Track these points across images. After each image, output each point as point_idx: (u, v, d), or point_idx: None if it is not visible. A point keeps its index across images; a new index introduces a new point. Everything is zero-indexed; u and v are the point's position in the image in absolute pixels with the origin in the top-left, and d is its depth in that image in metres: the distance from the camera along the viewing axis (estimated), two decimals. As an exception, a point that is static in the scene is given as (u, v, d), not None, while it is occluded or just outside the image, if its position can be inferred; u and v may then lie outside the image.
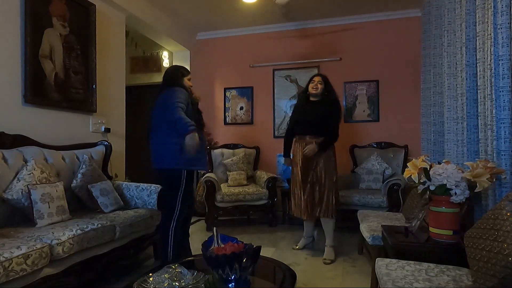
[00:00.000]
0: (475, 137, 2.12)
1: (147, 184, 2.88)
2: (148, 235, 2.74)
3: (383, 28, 4.49)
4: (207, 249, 1.54)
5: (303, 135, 2.99)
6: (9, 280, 1.60)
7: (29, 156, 2.40)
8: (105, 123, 3.43)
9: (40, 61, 2.72)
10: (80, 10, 3.10)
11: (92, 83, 3.21)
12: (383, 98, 4.49)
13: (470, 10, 2.15)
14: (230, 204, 3.88)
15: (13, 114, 2.55)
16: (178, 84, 2.41)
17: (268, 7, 4.13)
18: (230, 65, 5.09)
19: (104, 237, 2.23)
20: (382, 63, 4.48)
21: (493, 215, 1.34)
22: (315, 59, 4.70)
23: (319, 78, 3.02)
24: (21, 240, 1.84)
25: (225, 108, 5.14)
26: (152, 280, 1.49)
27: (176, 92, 2.31)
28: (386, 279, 1.48)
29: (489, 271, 1.23)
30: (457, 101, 2.39)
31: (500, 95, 1.70)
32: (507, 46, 1.68)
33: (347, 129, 4.59)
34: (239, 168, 4.33)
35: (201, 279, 1.52)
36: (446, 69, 2.62)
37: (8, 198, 2.17)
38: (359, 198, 3.61)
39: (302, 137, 2.99)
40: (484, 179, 1.67)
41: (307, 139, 2.94)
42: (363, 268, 2.71)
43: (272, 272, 1.85)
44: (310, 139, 2.92)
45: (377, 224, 2.51)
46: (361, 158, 4.27)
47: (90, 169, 2.76)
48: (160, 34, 4.40)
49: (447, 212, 1.80)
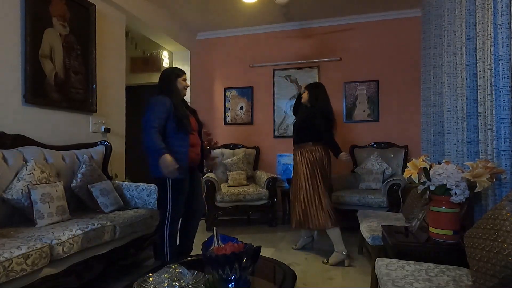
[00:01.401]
0: (475, 137, 2.12)
1: (147, 184, 2.88)
2: (148, 235, 2.73)
3: (383, 28, 4.49)
4: (207, 249, 1.54)
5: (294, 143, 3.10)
6: (9, 280, 1.60)
7: (29, 156, 2.40)
8: (105, 123, 3.43)
9: (40, 61, 2.72)
10: (80, 10, 3.10)
11: (92, 83, 3.21)
12: (383, 98, 4.49)
13: (470, 10, 2.15)
14: (230, 204, 3.88)
15: (13, 114, 2.55)
16: (168, 89, 2.41)
17: (268, 7, 4.13)
18: (230, 65, 5.09)
19: (104, 237, 2.23)
20: (382, 63, 4.48)
21: (493, 215, 1.34)
22: (315, 59, 4.70)
23: (305, 91, 3.10)
24: (21, 240, 1.84)
25: (225, 108, 5.14)
26: (152, 280, 1.49)
27: (156, 106, 2.30)
28: (386, 279, 1.48)
29: (489, 271, 1.23)
30: (457, 101, 2.38)
31: (500, 95, 1.70)
32: (507, 46, 1.68)
33: (347, 129, 4.59)
34: (239, 168, 4.34)
35: (201, 279, 1.52)
36: (446, 69, 2.62)
37: (8, 198, 2.17)
38: (359, 198, 3.61)
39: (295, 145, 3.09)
40: (484, 179, 1.67)
41: (295, 146, 3.05)
42: (363, 268, 2.71)
43: (272, 272, 1.85)
44: (296, 147, 3.03)
45: (377, 224, 2.51)
46: (361, 158, 4.27)
47: (90, 169, 2.76)
48: (160, 34, 4.40)
49: (447, 212, 1.80)
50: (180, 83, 2.46)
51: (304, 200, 2.90)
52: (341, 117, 4.62)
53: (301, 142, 3.01)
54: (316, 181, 2.89)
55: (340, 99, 4.60)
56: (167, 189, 2.33)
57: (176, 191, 2.33)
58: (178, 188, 2.33)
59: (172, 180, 2.30)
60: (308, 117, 2.99)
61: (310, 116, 2.97)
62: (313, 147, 2.93)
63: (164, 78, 2.47)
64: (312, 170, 2.90)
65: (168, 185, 2.32)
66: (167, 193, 2.34)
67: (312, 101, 3.02)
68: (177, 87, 2.44)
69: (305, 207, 2.89)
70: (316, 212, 2.85)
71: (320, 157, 2.93)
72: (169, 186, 2.32)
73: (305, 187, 2.90)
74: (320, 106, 2.97)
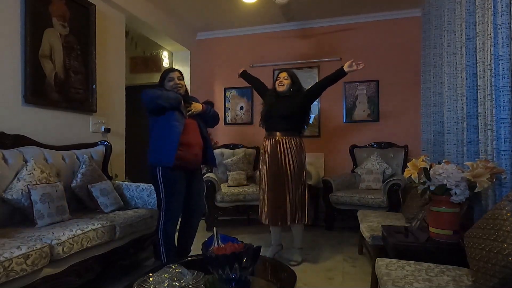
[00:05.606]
0: (475, 137, 2.12)
1: (147, 184, 2.87)
2: (148, 235, 2.73)
3: (383, 28, 4.49)
4: (207, 249, 1.54)
5: (273, 130, 2.83)
6: (9, 280, 1.59)
7: (29, 156, 2.40)
8: (105, 123, 3.43)
9: (40, 61, 2.72)
10: (80, 10, 3.10)
11: (92, 83, 3.21)
12: (383, 98, 4.49)
13: (470, 10, 2.15)
14: (230, 204, 3.88)
15: (13, 114, 2.55)
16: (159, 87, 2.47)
17: (268, 7, 4.13)
18: (230, 65, 5.08)
19: (104, 237, 2.23)
20: (382, 63, 4.48)
21: (493, 215, 1.34)
22: (315, 59, 4.70)
23: (284, 74, 2.90)
24: (21, 240, 1.84)
25: (225, 108, 5.14)
26: (152, 280, 1.49)
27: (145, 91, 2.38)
28: (386, 279, 1.48)
29: (489, 271, 1.23)
30: (457, 101, 2.39)
31: (500, 95, 1.70)
32: (507, 46, 1.68)
33: (347, 129, 4.59)
34: (239, 168, 4.33)
35: (201, 279, 1.52)
36: (446, 69, 2.62)
37: (8, 198, 2.17)
38: (359, 198, 3.61)
39: (272, 133, 2.83)
40: (484, 179, 1.67)
41: (277, 134, 2.79)
42: (363, 268, 2.71)
43: (272, 272, 1.85)
44: (280, 135, 2.78)
45: (377, 224, 2.51)
46: (361, 158, 4.27)
47: (90, 169, 2.76)
48: (160, 34, 4.40)
49: (447, 212, 1.80)
50: (166, 85, 2.44)
51: (289, 194, 2.71)
52: (341, 117, 4.62)
53: (283, 130, 2.79)
54: (303, 173, 2.79)
55: (340, 99, 4.60)
56: (160, 190, 2.33)
57: (169, 193, 2.33)
58: (170, 190, 2.33)
59: (163, 182, 2.31)
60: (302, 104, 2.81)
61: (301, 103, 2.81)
62: (299, 137, 2.84)
63: (160, 79, 2.50)
64: (300, 160, 2.76)
65: (160, 186, 2.32)
66: (160, 194, 2.34)
67: (298, 90, 2.87)
68: (166, 89, 2.43)
69: (292, 201, 2.71)
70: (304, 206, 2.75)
71: (303, 147, 2.85)
72: (161, 187, 2.32)
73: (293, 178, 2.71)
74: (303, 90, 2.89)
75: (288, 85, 2.87)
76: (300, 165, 2.77)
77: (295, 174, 2.74)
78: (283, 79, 2.88)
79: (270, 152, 2.80)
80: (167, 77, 2.45)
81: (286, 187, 2.73)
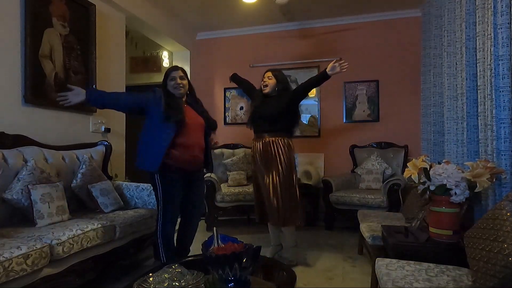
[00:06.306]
0: (475, 137, 2.12)
1: (147, 184, 2.87)
2: (148, 235, 2.73)
3: (383, 28, 4.48)
4: (207, 249, 1.54)
5: (261, 132, 2.81)
6: (9, 280, 1.60)
7: (29, 156, 2.39)
8: (105, 123, 3.43)
9: (40, 61, 2.72)
10: (80, 10, 3.10)
11: (92, 83, 3.21)
12: (383, 98, 4.48)
13: (470, 10, 2.15)
14: (230, 204, 3.88)
15: (13, 114, 2.55)
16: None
17: (268, 7, 4.13)
18: (230, 65, 5.08)
19: (104, 237, 2.23)
20: (382, 63, 4.48)
21: (493, 215, 1.35)
22: (315, 59, 4.69)
23: (269, 73, 2.86)
24: (21, 240, 1.84)
25: (225, 108, 5.14)
26: (152, 280, 1.49)
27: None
28: (386, 279, 1.48)
29: (489, 271, 1.23)
30: (457, 101, 2.39)
31: (500, 95, 1.71)
32: (507, 46, 1.69)
33: (347, 129, 4.59)
34: (239, 168, 4.33)
35: (201, 279, 1.52)
36: (446, 69, 2.62)
37: (8, 198, 2.16)
38: (359, 198, 3.61)
39: (260, 134, 2.81)
40: (484, 179, 1.67)
41: (265, 136, 2.77)
42: (363, 268, 2.71)
43: (272, 272, 1.85)
44: (268, 137, 2.75)
45: (377, 224, 2.51)
46: (361, 158, 4.27)
47: (90, 169, 2.76)
48: (160, 34, 4.40)
49: (447, 212, 1.80)
50: (169, 84, 2.41)
51: (281, 195, 2.68)
52: (341, 117, 4.62)
53: (271, 131, 2.76)
54: (294, 173, 2.77)
55: (340, 99, 4.60)
56: (158, 192, 2.33)
57: (166, 195, 2.32)
58: (167, 192, 2.32)
59: (161, 184, 2.31)
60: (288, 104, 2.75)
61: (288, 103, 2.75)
62: (289, 138, 2.81)
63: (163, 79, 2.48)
64: (289, 161, 2.73)
65: (158, 188, 2.32)
66: (157, 195, 2.34)
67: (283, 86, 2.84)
68: (168, 89, 2.41)
69: (283, 202, 2.68)
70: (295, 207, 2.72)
71: (292, 147, 2.82)
72: (159, 189, 2.32)
73: (283, 179, 2.68)
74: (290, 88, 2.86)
75: (273, 85, 2.84)
76: (289, 166, 2.74)
77: (285, 176, 2.71)
78: (267, 78, 2.86)
79: (259, 154, 2.79)
80: (169, 76, 2.42)
81: (277, 187, 2.69)
